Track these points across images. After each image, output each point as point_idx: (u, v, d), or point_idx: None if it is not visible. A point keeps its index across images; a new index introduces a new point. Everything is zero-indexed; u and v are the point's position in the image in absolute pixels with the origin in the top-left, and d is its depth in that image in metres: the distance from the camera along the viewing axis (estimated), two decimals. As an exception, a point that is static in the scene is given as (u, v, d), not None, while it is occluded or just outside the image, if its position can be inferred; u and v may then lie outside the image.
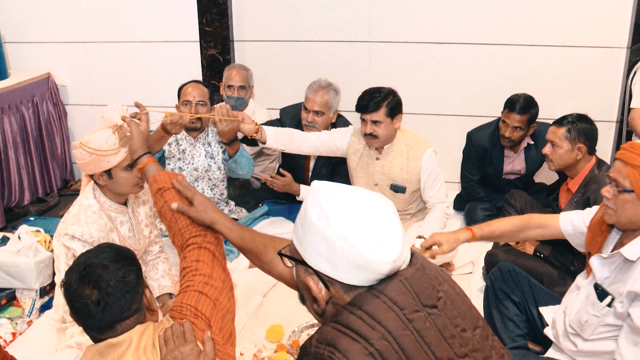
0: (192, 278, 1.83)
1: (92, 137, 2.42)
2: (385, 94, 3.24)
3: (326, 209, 1.33)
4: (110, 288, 1.57)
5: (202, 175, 3.43)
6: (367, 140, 3.31)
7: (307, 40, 4.37)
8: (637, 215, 2.04)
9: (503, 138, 3.60)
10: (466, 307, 1.42)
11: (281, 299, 3.31)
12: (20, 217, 4.27)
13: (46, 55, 4.77)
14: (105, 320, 1.58)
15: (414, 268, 1.37)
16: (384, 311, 1.29)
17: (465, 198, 3.99)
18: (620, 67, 3.98)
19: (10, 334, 2.88)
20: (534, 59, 4.11)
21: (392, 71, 4.34)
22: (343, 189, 1.40)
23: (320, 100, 3.57)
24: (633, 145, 2.03)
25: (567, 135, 2.94)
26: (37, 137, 4.57)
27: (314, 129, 3.61)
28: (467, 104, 4.33)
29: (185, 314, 1.75)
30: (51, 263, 3.18)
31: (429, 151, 3.34)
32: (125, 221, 2.67)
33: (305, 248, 1.37)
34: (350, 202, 1.35)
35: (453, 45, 4.19)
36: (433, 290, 1.36)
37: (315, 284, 1.37)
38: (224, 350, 1.76)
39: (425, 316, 1.32)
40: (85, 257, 1.65)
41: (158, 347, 1.63)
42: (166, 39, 4.56)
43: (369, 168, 3.42)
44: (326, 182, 1.43)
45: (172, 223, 1.98)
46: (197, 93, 3.33)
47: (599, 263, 2.17)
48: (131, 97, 4.73)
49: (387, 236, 1.31)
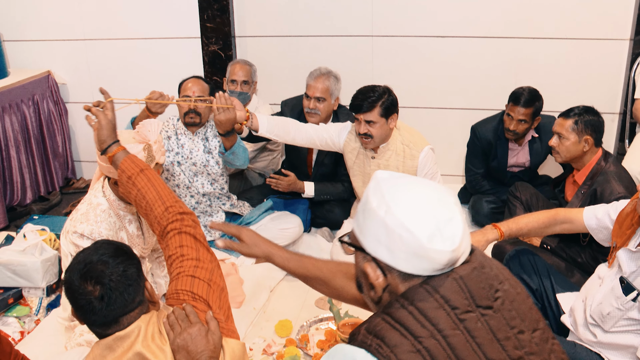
0: (180, 264, 1.85)
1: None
2: (380, 93, 3.14)
3: (387, 197, 1.32)
4: (113, 283, 1.58)
5: (201, 170, 3.41)
6: (362, 140, 3.24)
7: (309, 35, 4.36)
8: None
9: (508, 131, 3.60)
10: (527, 308, 1.39)
11: (288, 294, 3.31)
12: (23, 216, 4.26)
13: (46, 53, 4.75)
14: (110, 315, 1.59)
15: (471, 267, 1.34)
16: (435, 309, 1.28)
17: (470, 191, 3.99)
18: (624, 59, 3.99)
19: (19, 333, 2.88)
20: (537, 51, 4.10)
21: (394, 65, 4.33)
22: (406, 178, 1.40)
23: (322, 87, 3.62)
24: None
25: (574, 127, 2.93)
26: (38, 135, 4.55)
27: (316, 115, 3.65)
28: (469, 98, 4.33)
29: (184, 299, 1.78)
30: (57, 261, 3.17)
31: (425, 149, 3.26)
32: (134, 220, 2.66)
33: (365, 235, 1.36)
34: (411, 191, 1.34)
35: (456, 38, 4.19)
36: (490, 290, 1.34)
37: (373, 270, 1.36)
38: (227, 327, 1.80)
39: (478, 317, 1.30)
40: (84, 254, 1.65)
41: (165, 333, 1.66)
42: (167, 35, 4.54)
43: (365, 167, 3.37)
44: (390, 171, 1.42)
45: (148, 211, 1.98)
46: (197, 88, 3.32)
47: (627, 257, 2.16)
48: (132, 95, 4.72)
49: (447, 226, 1.29)
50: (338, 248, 3.49)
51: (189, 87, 3.33)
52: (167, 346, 1.64)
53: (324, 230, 3.88)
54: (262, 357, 2.75)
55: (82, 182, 4.88)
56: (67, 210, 4.31)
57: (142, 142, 2.41)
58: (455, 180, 4.50)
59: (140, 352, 1.59)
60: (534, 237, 3.18)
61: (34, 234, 3.20)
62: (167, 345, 1.64)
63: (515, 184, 3.54)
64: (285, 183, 3.71)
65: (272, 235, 3.49)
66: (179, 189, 3.42)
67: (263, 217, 3.60)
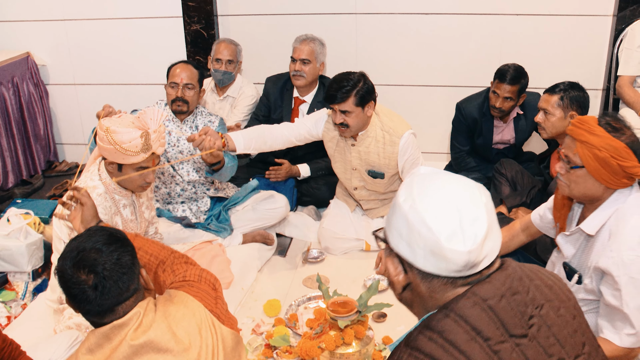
0: (184, 274, 1.87)
1: (120, 129, 2.36)
2: (354, 82, 3.04)
3: (415, 192, 1.30)
4: (107, 271, 1.55)
5: (187, 159, 3.37)
6: (339, 129, 3.19)
7: (292, 14, 4.31)
8: (589, 189, 2.03)
9: (493, 108, 3.60)
10: (569, 332, 1.34)
11: (276, 274, 3.32)
12: (5, 200, 4.20)
13: (25, 34, 4.65)
14: (104, 304, 1.56)
15: (499, 294, 1.29)
16: (468, 342, 1.24)
17: (456, 168, 4.01)
18: (607, 35, 4.00)
19: (5, 318, 2.86)
20: (520, 28, 4.10)
21: (378, 42, 4.31)
22: (444, 176, 1.36)
23: (307, 49, 3.77)
24: (581, 120, 2.02)
25: (560, 102, 2.94)
26: (18, 118, 4.48)
27: (301, 78, 3.80)
28: (453, 75, 4.32)
29: (188, 280, 1.83)
30: (42, 245, 3.14)
31: (405, 135, 3.19)
32: (128, 204, 2.65)
33: (390, 229, 1.35)
34: (442, 189, 1.31)
35: (439, 15, 4.17)
36: (523, 317, 1.29)
37: (393, 266, 1.35)
38: (230, 316, 1.85)
39: (513, 347, 1.26)
40: (77, 242, 1.62)
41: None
42: (148, 15, 4.46)
43: (346, 154, 3.33)
44: (432, 168, 1.40)
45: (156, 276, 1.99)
46: (185, 75, 3.22)
47: (564, 241, 2.19)
48: (114, 76, 4.69)
49: (472, 225, 1.26)
50: (325, 229, 3.50)
51: (177, 72, 3.23)
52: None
53: (310, 209, 3.88)
54: (251, 337, 2.76)
55: (64, 165, 4.82)
56: (50, 193, 4.26)
57: (141, 129, 2.39)
58: (439, 157, 4.51)
59: (152, 340, 1.58)
60: (520, 213, 3.21)
61: (17, 218, 3.16)
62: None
63: (501, 161, 3.56)
64: (283, 172, 3.79)
65: (258, 215, 3.50)
66: (164, 177, 3.37)
67: (249, 197, 3.58)
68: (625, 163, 1.93)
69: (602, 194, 2.03)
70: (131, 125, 2.39)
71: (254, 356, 2.65)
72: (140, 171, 2.49)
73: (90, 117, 4.82)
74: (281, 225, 3.68)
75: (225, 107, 4.15)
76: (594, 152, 1.96)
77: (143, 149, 2.39)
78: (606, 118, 2.01)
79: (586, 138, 1.97)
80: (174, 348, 1.59)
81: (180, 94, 3.22)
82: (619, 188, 2.01)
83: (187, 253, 3.10)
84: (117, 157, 2.41)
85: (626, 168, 1.94)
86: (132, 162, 2.44)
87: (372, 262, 3.36)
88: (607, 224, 2.02)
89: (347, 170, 3.37)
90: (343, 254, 3.49)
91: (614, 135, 1.95)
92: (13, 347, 2.13)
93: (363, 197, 3.46)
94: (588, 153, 1.97)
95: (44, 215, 3.41)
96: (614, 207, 2.02)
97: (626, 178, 1.97)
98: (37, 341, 2.46)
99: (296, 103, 3.95)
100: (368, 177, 3.32)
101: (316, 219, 3.82)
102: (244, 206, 3.53)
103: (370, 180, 3.33)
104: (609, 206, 2.03)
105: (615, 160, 1.93)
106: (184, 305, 1.69)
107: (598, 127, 1.97)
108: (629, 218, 1.97)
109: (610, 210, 2.02)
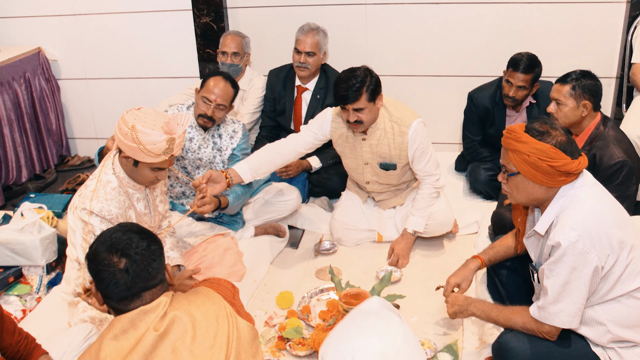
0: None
1: (147, 130, 2.35)
2: (362, 78, 2.98)
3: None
4: (138, 255, 1.65)
5: (205, 165, 3.29)
6: (352, 127, 3.12)
7: (302, 5, 4.30)
8: (531, 193, 2.11)
9: (507, 98, 3.58)
10: None
11: (288, 266, 3.32)
12: (19, 195, 4.24)
13: (35, 29, 4.68)
14: (134, 287, 1.64)
15: None
16: None
17: (468, 159, 3.99)
18: (620, 22, 3.95)
19: (21, 311, 2.88)
20: (531, 16, 4.06)
21: (388, 33, 4.28)
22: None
23: (311, 41, 3.81)
24: (509, 130, 2.11)
25: (572, 92, 2.90)
26: (31, 113, 4.51)
27: (305, 69, 3.85)
28: (464, 65, 4.29)
29: (209, 279, 1.94)
30: (56, 239, 3.16)
31: (414, 124, 3.14)
32: (142, 198, 2.65)
33: None
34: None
35: (450, 5, 4.14)
36: None
37: None
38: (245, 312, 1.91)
39: None
40: (109, 232, 1.72)
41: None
42: (158, 8, 4.47)
43: (357, 150, 3.28)
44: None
45: None
46: (220, 96, 3.08)
47: (526, 244, 2.32)
48: (124, 70, 4.70)
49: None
50: (337, 221, 3.49)
51: (213, 89, 3.09)
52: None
53: (323, 200, 3.88)
54: (264, 329, 2.77)
55: (76, 160, 4.85)
56: (63, 187, 4.29)
57: (168, 133, 2.39)
58: (451, 148, 4.49)
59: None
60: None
61: (31, 212, 3.18)
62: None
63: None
64: (293, 168, 3.74)
65: (270, 207, 3.50)
66: (179, 180, 3.33)
67: (260, 189, 3.58)
68: (555, 163, 2.01)
69: (547, 194, 2.11)
70: (159, 128, 2.39)
71: (267, 348, 2.65)
72: (155, 172, 2.51)
73: (101, 111, 4.86)
74: (293, 217, 3.68)
75: (235, 100, 4.14)
76: (524, 158, 2.05)
77: (165, 152, 2.40)
78: (533, 124, 2.10)
79: (515, 146, 2.07)
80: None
81: (210, 113, 3.10)
82: (560, 186, 2.08)
83: (200, 246, 3.12)
84: (137, 155, 2.41)
85: (558, 167, 2.02)
86: (150, 162, 2.44)
87: (384, 253, 3.36)
88: (554, 221, 2.10)
89: (358, 166, 3.34)
90: (355, 246, 3.49)
91: (539, 139, 2.04)
92: (29, 340, 2.16)
93: (375, 190, 3.44)
94: (519, 159, 2.07)
95: (57, 210, 3.43)
96: (558, 204, 2.09)
97: (563, 176, 2.04)
98: (51, 334, 2.48)
99: (299, 91, 3.98)
100: (380, 170, 3.29)
101: (328, 210, 3.81)
102: (255, 199, 3.53)
103: (382, 173, 3.30)
104: (554, 204, 2.11)
105: (545, 162, 2.02)
106: (205, 295, 1.78)
107: (524, 135, 2.07)
108: (569, 210, 2.05)
109: (555, 208, 2.10)
